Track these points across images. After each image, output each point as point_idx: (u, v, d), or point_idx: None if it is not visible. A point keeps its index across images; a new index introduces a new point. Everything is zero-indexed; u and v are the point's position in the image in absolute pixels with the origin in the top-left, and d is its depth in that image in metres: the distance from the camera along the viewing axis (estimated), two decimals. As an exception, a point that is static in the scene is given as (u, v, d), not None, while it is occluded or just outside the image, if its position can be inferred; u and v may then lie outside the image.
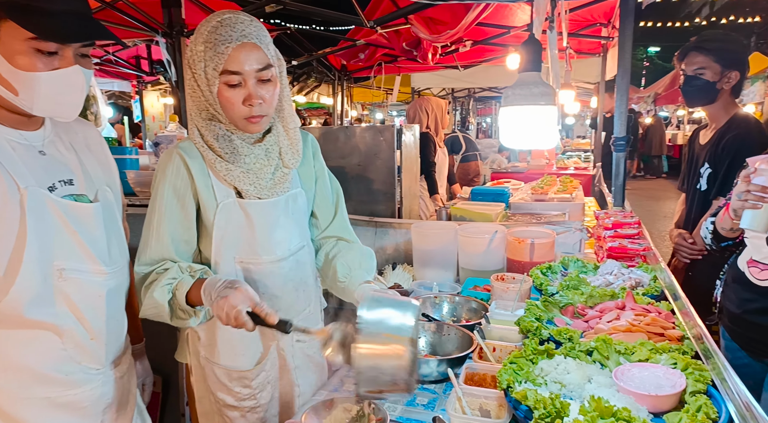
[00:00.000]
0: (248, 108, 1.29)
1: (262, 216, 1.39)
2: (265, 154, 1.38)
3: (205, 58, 1.26)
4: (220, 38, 1.24)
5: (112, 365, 1.29)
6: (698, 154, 2.31)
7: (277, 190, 1.40)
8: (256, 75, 1.28)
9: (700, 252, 2.18)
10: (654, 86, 16.53)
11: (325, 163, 1.60)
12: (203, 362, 1.48)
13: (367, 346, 1.05)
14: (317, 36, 4.98)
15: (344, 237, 1.59)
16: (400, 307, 1.10)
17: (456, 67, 5.79)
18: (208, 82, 1.29)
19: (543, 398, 1.01)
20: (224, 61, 1.25)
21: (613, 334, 1.37)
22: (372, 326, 1.06)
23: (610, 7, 3.90)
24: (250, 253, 1.40)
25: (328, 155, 2.98)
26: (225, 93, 1.28)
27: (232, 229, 1.37)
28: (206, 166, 1.35)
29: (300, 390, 1.54)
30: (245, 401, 1.46)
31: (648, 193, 11.67)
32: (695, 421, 0.95)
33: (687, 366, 1.14)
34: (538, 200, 3.76)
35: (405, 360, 1.05)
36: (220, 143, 1.34)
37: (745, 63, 2.20)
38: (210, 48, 1.25)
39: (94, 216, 1.20)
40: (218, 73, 1.26)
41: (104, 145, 1.38)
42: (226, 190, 1.36)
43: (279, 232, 1.42)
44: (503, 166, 6.58)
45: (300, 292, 1.50)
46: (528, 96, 1.45)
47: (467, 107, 12.72)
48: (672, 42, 18.69)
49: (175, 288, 1.28)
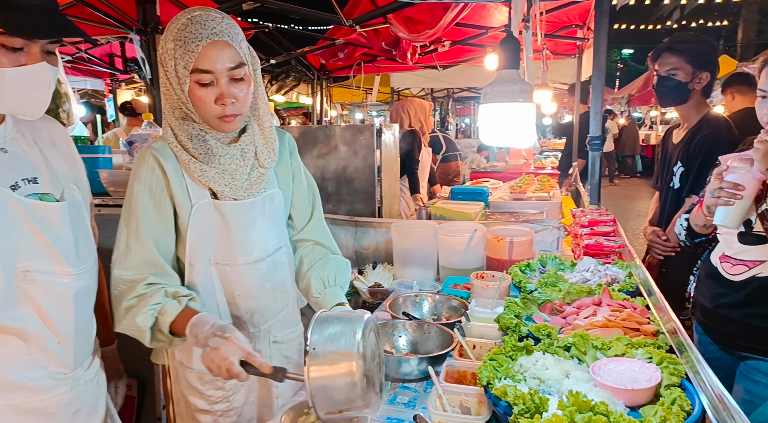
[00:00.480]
0: (221, 107, 1.26)
1: (238, 217, 1.36)
2: (240, 155, 1.35)
3: (175, 56, 1.23)
4: (191, 36, 1.21)
5: (81, 369, 1.25)
6: (671, 153, 2.36)
7: (254, 190, 1.37)
8: (229, 73, 1.25)
9: (674, 249, 2.23)
10: (628, 88, 16.90)
11: (302, 162, 1.57)
12: (177, 365, 1.45)
13: (315, 367, 1.03)
14: (296, 35, 4.95)
15: (321, 241, 1.56)
16: (348, 323, 1.08)
17: (435, 67, 5.82)
18: (180, 81, 1.25)
19: (522, 394, 1.02)
20: (195, 60, 1.21)
21: (590, 329, 1.39)
22: (320, 347, 1.04)
23: (585, 9, 3.97)
24: (226, 255, 1.37)
25: (307, 155, 3.00)
26: (196, 92, 1.25)
27: (208, 231, 1.34)
28: (180, 167, 1.32)
29: (279, 391, 1.51)
30: (218, 404, 1.43)
31: (622, 192, 11.92)
32: (670, 413, 0.96)
33: (662, 360, 1.16)
34: (516, 199, 3.80)
35: (355, 376, 1.02)
36: (194, 143, 1.31)
37: (715, 64, 2.26)
38: (180, 46, 1.22)
39: (60, 215, 1.16)
40: (189, 72, 1.23)
41: (70, 142, 1.34)
42: (200, 191, 1.33)
43: (255, 233, 1.39)
44: (482, 166, 6.64)
45: (278, 293, 1.48)
46: (507, 93, 1.46)
47: (446, 107, 12.80)
48: (645, 44, 19.16)
49: (159, 313, 1.24)
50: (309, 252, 1.53)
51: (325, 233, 1.58)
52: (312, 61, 6.02)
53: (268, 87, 6.55)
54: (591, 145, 2.63)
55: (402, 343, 1.60)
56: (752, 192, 1.54)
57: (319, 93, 6.46)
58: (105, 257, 1.39)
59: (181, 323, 1.23)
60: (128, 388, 2.06)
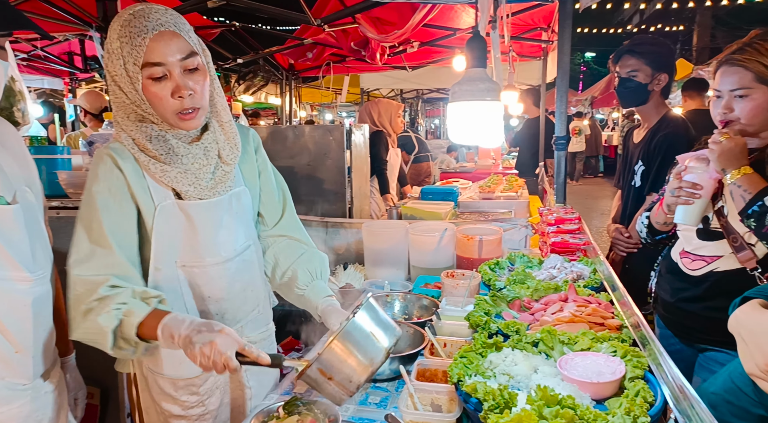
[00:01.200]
0: (179, 101, 1.21)
1: (204, 217, 1.32)
2: (203, 153, 1.31)
3: (122, 54, 1.18)
4: (135, 30, 1.16)
5: (40, 380, 1.20)
6: (632, 153, 2.44)
7: (219, 189, 1.34)
8: (181, 64, 1.20)
9: (636, 245, 2.30)
10: (591, 90, 17.39)
11: (269, 160, 1.55)
12: (146, 372, 1.40)
13: (344, 345, 1.10)
14: (263, 34, 4.89)
15: (296, 236, 1.54)
16: (388, 328, 1.18)
17: (404, 68, 5.84)
18: (131, 80, 1.20)
19: (492, 390, 1.03)
20: (143, 54, 1.16)
21: (557, 325, 1.42)
22: (362, 330, 1.13)
23: (549, 11, 4.06)
24: (193, 256, 1.34)
25: (276, 155, 2.96)
26: (151, 88, 1.20)
27: (173, 232, 1.30)
28: (140, 168, 1.28)
29: (252, 392, 1.49)
30: (193, 409, 1.39)
31: (586, 191, 12.24)
32: (634, 405, 0.99)
33: (626, 353, 1.20)
34: (485, 199, 3.85)
35: (362, 379, 1.11)
36: (154, 144, 1.26)
37: (673, 66, 2.34)
38: (126, 42, 1.17)
39: (13, 219, 1.11)
40: (139, 68, 1.18)
41: (22, 142, 1.28)
42: (163, 191, 1.29)
43: (223, 232, 1.36)
44: (452, 166, 6.71)
45: (248, 292, 1.45)
46: (475, 91, 1.48)
47: (416, 108, 12.87)
48: (606, 47, 19.79)
49: (125, 314, 1.16)
50: (285, 247, 1.51)
51: (299, 228, 1.56)
52: (280, 60, 5.95)
53: (235, 86, 6.44)
54: (556, 144, 2.69)
55: (373, 343, 1.59)
56: (709, 191, 1.61)
57: (288, 93, 6.39)
58: (61, 261, 1.33)
59: (150, 325, 1.16)
60: (90, 397, 2.00)
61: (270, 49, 5.16)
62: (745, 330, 0.99)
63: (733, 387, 1.10)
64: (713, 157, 1.56)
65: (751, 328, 0.97)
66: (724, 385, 1.15)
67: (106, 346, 1.19)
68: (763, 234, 1.46)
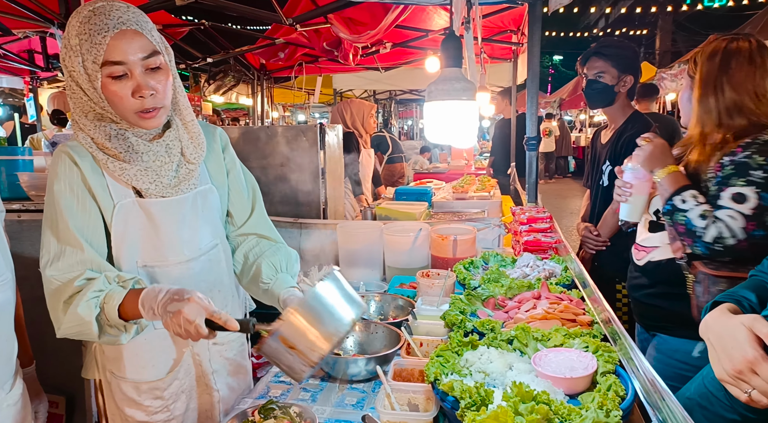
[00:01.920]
0: (139, 101, 1.18)
1: (166, 215, 1.29)
2: (165, 151, 1.28)
3: (81, 51, 1.14)
4: (95, 28, 1.13)
5: (2, 392, 1.15)
6: (600, 153, 2.50)
7: (182, 187, 1.31)
8: (143, 63, 1.17)
9: (604, 243, 2.36)
10: (559, 92, 17.77)
11: (241, 160, 1.53)
12: (110, 378, 1.36)
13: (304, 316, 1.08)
14: (234, 33, 4.82)
15: (266, 234, 1.52)
16: (352, 302, 1.16)
17: (377, 69, 5.85)
18: (90, 78, 1.16)
19: (468, 388, 1.04)
20: (104, 52, 1.13)
21: (531, 322, 1.44)
22: (323, 302, 1.11)
23: (519, 14, 4.13)
24: (155, 256, 1.30)
25: (249, 156, 2.92)
26: (110, 87, 1.17)
27: (133, 231, 1.27)
28: (98, 166, 1.24)
29: (220, 395, 1.46)
30: (157, 415, 1.36)
31: (556, 191, 12.50)
32: (606, 399, 1.01)
33: (597, 348, 1.22)
34: (459, 199, 3.89)
35: (324, 352, 1.08)
36: (113, 143, 1.22)
37: (638, 68, 2.41)
38: (85, 40, 1.13)
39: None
40: (99, 66, 1.14)
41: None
42: (123, 189, 1.25)
43: (186, 231, 1.33)
44: (425, 167, 6.76)
45: (215, 292, 1.42)
46: (450, 91, 1.49)
47: (389, 109, 12.91)
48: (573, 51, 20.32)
49: (104, 301, 1.14)
50: (254, 245, 1.49)
51: (268, 226, 1.54)
52: (252, 60, 5.87)
53: (205, 86, 6.32)
54: (528, 145, 2.74)
55: (349, 344, 1.59)
56: (642, 189, 1.72)
57: (259, 93, 6.31)
58: (22, 267, 1.28)
59: (130, 305, 1.14)
60: (55, 406, 1.93)
61: (241, 48, 5.08)
62: (713, 335, 0.99)
63: (706, 392, 1.12)
64: (640, 161, 1.68)
65: (718, 333, 0.98)
66: (698, 390, 1.17)
67: (93, 335, 1.16)
68: (677, 231, 1.55)
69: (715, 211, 1.48)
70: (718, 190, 1.49)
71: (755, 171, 1.44)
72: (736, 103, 1.54)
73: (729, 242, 1.44)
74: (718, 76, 1.56)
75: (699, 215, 1.49)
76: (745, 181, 1.45)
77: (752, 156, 1.45)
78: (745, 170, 1.45)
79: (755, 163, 1.45)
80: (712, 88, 1.57)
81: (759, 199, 1.43)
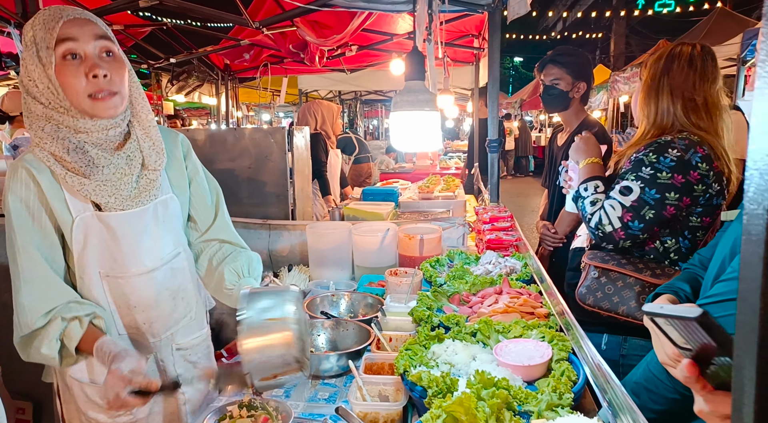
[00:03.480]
0: (93, 82, 1.18)
1: (125, 227, 1.30)
2: (126, 163, 1.28)
3: (35, 41, 1.17)
4: (49, 18, 1.17)
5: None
6: (556, 154, 2.64)
7: (143, 198, 1.31)
8: (96, 44, 1.19)
9: (561, 240, 2.49)
10: (520, 93, 18.21)
11: (206, 164, 1.55)
12: (70, 381, 1.37)
13: (252, 337, 1.09)
14: (197, 33, 4.76)
15: (228, 239, 1.54)
16: (278, 295, 1.16)
17: (343, 71, 5.89)
18: (44, 68, 1.17)
19: (435, 377, 1.12)
20: (56, 35, 1.16)
21: (493, 316, 1.54)
22: (254, 317, 1.10)
23: (480, 20, 4.26)
24: (116, 267, 1.32)
25: (216, 158, 2.92)
26: (64, 70, 1.17)
27: (94, 243, 1.28)
28: (56, 181, 1.24)
29: (186, 397, 1.48)
30: (120, 417, 1.37)
31: (518, 190, 12.84)
32: (559, 383, 1.11)
33: (552, 338, 1.33)
34: (424, 199, 3.99)
35: (290, 337, 1.10)
36: (72, 156, 1.22)
37: (591, 75, 2.56)
38: (39, 29, 1.17)
39: None
40: (52, 50, 1.16)
41: None
42: (81, 204, 1.26)
43: (147, 241, 1.34)
44: (391, 167, 6.85)
45: (178, 300, 1.44)
46: (414, 102, 1.60)
47: (355, 109, 12.95)
48: (533, 53, 20.89)
49: (64, 339, 1.21)
50: (217, 250, 1.51)
51: (230, 231, 1.56)
52: (216, 61, 5.81)
53: (168, 87, 6.21)
54: (489, 147, 2.86)
55: (321, 341, 1.65)
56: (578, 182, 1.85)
57: (223, 94, 6.25)
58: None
59: (87, 345, 1.21)
60: (22, 412, 1.90)
61: (204, 49, 5.03)
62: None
63: (651, 376, 1.21)
64: (571, 152, 1.85)
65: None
66: (643, 375, 1.26)
67: (57, 366, 1.24)
68: (584, 216, 1.71)
69: (604, 201, 1.63)
70: (616, 183, 1.63)
71: (645, 168, 1.57)
72: (669, 105, 1.63)
73: (607, 229, 1.60)
74: (661, 79, 1.64)
75: (591, 202, 1.66)
76: (635, 176, 1.58)
77: (648, 154, 1.58)
78: (639, 166, 1.59)
79: (648, 161, 1.57)
80: (654, 90, 1.66)
81: (641, 193, 1.56)
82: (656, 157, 1.56)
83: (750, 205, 0.34)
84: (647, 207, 1.55)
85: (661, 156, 1.55)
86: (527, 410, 1.04)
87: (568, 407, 1.04)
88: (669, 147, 1.56)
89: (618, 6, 16.85)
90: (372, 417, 1.19)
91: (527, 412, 1.04)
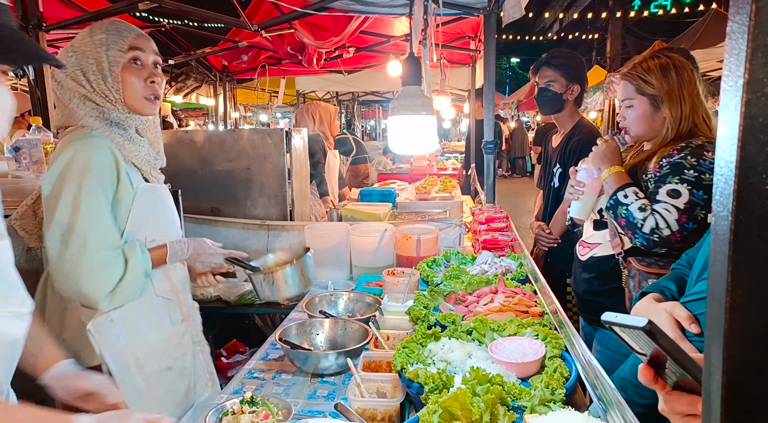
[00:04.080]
0: (150, 86, 1.47)
1: (167, 198, 1.60)
2: (147, 148, 1.56)
3: (107, 42, 1.41)
4: (122, 27, 1.45)
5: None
6: (551, 156, 2.67)
7: (160, 178, 1.61)
8: (154, 58, 1.49)
9: (555, 241, 2.53)
10: (516, 94, 18.25)
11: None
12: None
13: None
14: (195, 35, 4.78)
15: None
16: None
17: (340, 72, 5.92)
18: (110, 64, 1.41)
19: (432, 374, 1.15)
20: (130, 41, 1.43)
21: (488, 314, 1.57)
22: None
23: (476, 22, 4.29)
24: (161, 233, 1.54)
25: (215, 159, 2.94)
26: (129, 72, 1.44)
27: (147, 212, 1.50)
28: (120, 154, 1.45)
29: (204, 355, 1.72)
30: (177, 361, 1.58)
31: (514, 190, 12.89)
32: (552, 379, 1.15)
33: (546, 336, 1.36)
34: (422, 199, 4.01)
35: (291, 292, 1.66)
36: (115, 130, 1.47)
37: (584, 77, 2.60)
38: (113, 33, 1.42)
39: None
40: (125, 51, 1.42)
41: None
42: (137, 175, 1.49)
43: (173, 214, 1.64)
44: (388, 168, 6.88)
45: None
46: (411, 106, 1.64)
47: (352, 110, 12.97)
48: (529, 54, 20.96)
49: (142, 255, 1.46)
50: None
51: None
52: (214, 62, 5.83)
53: (167, 88, 6.22)
54: (485, 148, 2.89)
55: (320, 340, 1.68)
56: (593, 188, 1.87)
57: (221, 95, 6.27)
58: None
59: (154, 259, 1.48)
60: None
61: (203, 50, 5.05)
62: None
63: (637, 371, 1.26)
64: (592, 159, 1.82)
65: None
66: (630, 371, 1.29)
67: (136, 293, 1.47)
68: (619, 225, 1.71)
69: (653, 205, 1.62)
70: (656, 188, 1.63)
71: (688, 170, 1.59)
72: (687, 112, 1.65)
73: (664, 233, 1.57)
74: (680, 89, 1.65)
75: (639, 208, 1.63)
76: (679, 179, 1.59)
77: (686, 157, 1.60)
78: (680, 169, 1.60)
79: (688, 164, 1.59)
80: (676, 101, 1.66)
81: (690, 195, 1.57)
82: (695, 160, 1.58)
83: (716, 207, 0.38)
84: (699, 208, 1.56)
85: (700, 158, 1.58)
86: (521, 405, 1.08)
87: (560, 402, 1.07)
88: (704, 150, 1.59)
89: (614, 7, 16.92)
90: (370, 413, 1.22)
91: (521, 407, 1.07)
